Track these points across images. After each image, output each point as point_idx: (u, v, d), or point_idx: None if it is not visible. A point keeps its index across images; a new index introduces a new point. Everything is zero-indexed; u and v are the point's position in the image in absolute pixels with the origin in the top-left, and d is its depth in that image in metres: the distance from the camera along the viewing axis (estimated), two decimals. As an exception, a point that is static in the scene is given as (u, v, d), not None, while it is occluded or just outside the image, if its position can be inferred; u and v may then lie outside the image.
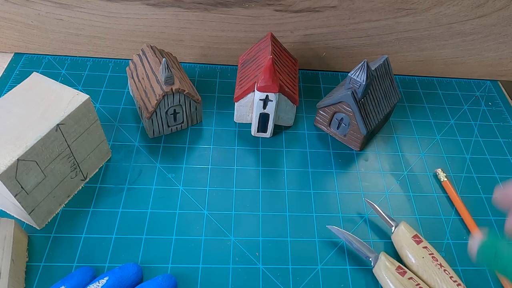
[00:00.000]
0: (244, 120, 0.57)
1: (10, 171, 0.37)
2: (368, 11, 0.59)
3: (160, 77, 0.49)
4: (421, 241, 0.44)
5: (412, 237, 0.44)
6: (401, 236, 0.44)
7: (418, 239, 0.44)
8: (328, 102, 0.53)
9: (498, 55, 0.66)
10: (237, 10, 0.59)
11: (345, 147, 0.56)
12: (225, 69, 0.66)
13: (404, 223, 0.45)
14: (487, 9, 0.59)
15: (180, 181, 0.50)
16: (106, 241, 0.44)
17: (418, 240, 0.44)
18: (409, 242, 0.44)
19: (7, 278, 0.37)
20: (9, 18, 0.59)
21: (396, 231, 0.45)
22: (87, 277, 0.39)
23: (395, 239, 0.45)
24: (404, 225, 0.45)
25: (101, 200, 0.48)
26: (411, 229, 0.45)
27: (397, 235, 0.45)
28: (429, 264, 0.42)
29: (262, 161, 0.53)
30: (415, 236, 0.44)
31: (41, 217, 0.44)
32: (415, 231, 0.45)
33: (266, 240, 0.46)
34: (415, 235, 0.44)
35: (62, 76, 0.61)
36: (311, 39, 0.63)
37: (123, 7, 0.58)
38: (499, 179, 0.55)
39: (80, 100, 0.42)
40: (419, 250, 0.43)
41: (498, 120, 0.63)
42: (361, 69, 0.48)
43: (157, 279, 0.39)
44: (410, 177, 0.54)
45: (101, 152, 0.49)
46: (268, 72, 0.48)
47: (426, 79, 0.68)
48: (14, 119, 0.40)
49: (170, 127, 0.54)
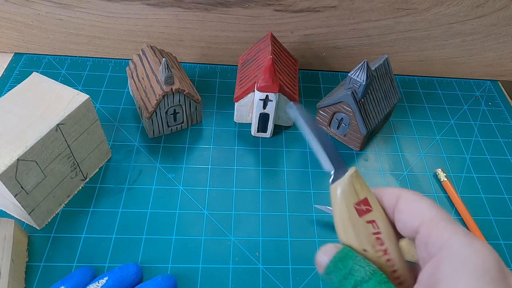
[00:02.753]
0: (244, 120, 0.57)
1: (10, 171, 0.37)
2: (368, 11, 0.59)
3: (160, 77, 0.49)
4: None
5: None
6: None
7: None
8: (328, 102, 0.53)
9: (498, 55, 0.66)
10: (237, 10, 0.59)
11: (345, 147, 0.56)
12: (225, 69, 0.66)
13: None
14: (487, 9, 0.59)
15: (180, 181, 0.50)
16: (106, 241, 0.44)
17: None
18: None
19: (7, 278, 0.37)
20: (9, 18, 0.59)
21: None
22: (87, 277, 0.39)
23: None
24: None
25: (101, 200, 0.48)
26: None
27: None
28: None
29: (262, 161, 0.53)
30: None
31: (41, 217, 0.44)
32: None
33: (266, 240, 0.46)
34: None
35: (62, 76, 0.61)
36: (311, 39, 0.63)
37: (123, 7, 0.58)
38: (499, 179, 0.55)
39: (80, 100, 0.42)
40: None
41: (498, 120, 0.63)
42: (361, 69, 0.48)
43: (157, 279, 0.39)
44: (410, 177, 0.54)
45: (101, 152, 0.49)
46: (268, 72, 0.48)
47: (426, 79, 0.68)
48: (14, 119, 0.40)
49: (170, 127, 0.54)
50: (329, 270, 0.24)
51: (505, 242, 0.48)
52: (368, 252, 0.25)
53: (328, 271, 0.24)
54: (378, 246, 0.25)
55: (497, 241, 0.48)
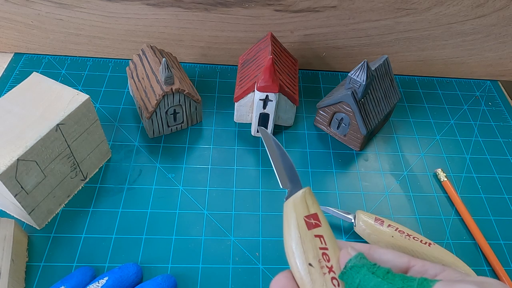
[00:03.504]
0: (244, 120, 0.57)
1: (10, 171, 0.37)
2: (368, 11, 0.59)
3: (160, 77, 0.49)
4: (383, 221, 0.44)
5: (374, 221, 0.44)
6: (364, 225, 0.44)
7: (380, 221, 0.44)
8: (328, 102, 0.53)
9: (498, 55, 0.66)
10: (237, 10, 0.59)
11: (345, 147, 0.56)
12: (225, 69, 0.66)
13: (360, 212, 0.46)
14: (487, 9, 0.59)
15: (180, 181, 0.50)
16: (106, 241, 0.44)
17: (380, 221, 0.44)
18: (374, 227, 0.44)
19: (7, 278, 0.37)
20: (9, 18, 0.59)
21: (357, 222, 0.45)
22: (87, 277, 0.39)
23: (359, 230, 0.45)
24: (361, 213, 0.45)
25: (101, 200, 0.48)
26: (369, 214, 0.45)
27: (359, 226, 0.45)
28: (400, 239, 0.43)
29: (262, 161, 0.53)
30: (376, 220, 0.44)
31: (41, 217, 0.44)
32: (373, 215, 0.45)
33: (266, 240, 0.46)
34: (375, 219, 0.44)
35: (62, 76, 0.61)
36: (311, 39, 0.63)
37: (123, 7, 0.58)
38: (499, 179, 0.55)
39: (80, 100, 0.42)
40: (385, 231, 0.43)
41: (498, 120, 0.63)
42: (361, 69, 0.48)
43: (157, 279, 0.39)
44: (410, 177, 0.54)
45: (101, 152, 0.49)
46: (268, 72, 0.48)
47: (426, 79, 0.68)
48: (14, 119, 0.40)
49: (170, 127, 0.54)
50: (361, 256, 0.25)
51: (505, 242, 0.48)
52: (314, 268, 0.25)
53: (361, 256, 0.25)
54: (324, 261, 0.26)
55: (497, 241, 0.48)
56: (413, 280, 0.23)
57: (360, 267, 0.24)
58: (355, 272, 0.24)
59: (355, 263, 0.25)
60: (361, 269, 0.24)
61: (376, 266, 0.24)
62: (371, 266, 0.24)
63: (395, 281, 0.23)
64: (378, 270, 0.24)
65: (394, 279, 0.24)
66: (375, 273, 0.24)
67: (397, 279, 0.24)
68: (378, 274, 0.24)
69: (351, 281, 0.24)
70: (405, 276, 0.24)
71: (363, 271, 0.24)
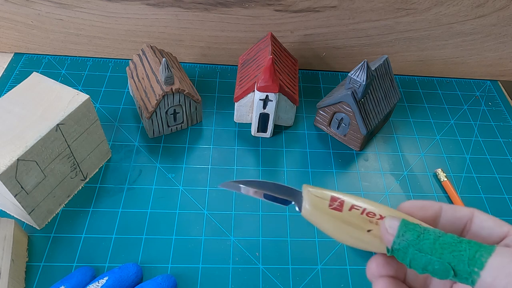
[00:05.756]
0: (244, 120, 0.57)
1: (10, 171, 0.37)
2: (368, 11, 0.59)
3: (160, 77, 0.49)
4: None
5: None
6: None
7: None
8: (328, 102, 0.53)
9: (498, 55, 0.66)
10: (237, 10, 0.59)
11: (345, 147, 0.56)
12: (225, 69, 0.66)
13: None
14: (487, 9, 0.59)
15: (180, 181, 0.50)
16: (106, 241, 0.44)
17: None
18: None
19: (7, 278, 0.37)
20: (9, 18, 0.59)
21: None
22: (87, 277, 0.39)
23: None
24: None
25: (101, 200, 0.48)
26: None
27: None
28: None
29: (262, 161, 0.53)
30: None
31: (41, 217, 0.44)
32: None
33: (266, 240, 0.46)
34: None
35: (62, 76, 0.61)
36: (311, 39, 0.63)
37: (123, 7, 0.58)
38: (499, 179, 0.55)
39: (80, 100, 0.42)
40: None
41: (498, 120, 0.63)
42: (361, 69, 0.48)
43: (157, 279, 0.39)
44: (410, 177, 0.54)
45: (101, 152, 0.49)
46: (268, 72, 0.48)
47: (426, 79, 0.68)
48: (14, 119, 0.40)
49: (170, 127, 0.54)
50: (403, 231, 0.24)
51: (505, 242, 0.48)
52: (373, 229, 0.26)
53: (403, 231, 0.24)
54: (374, 218, 0.26)
55: (497, 241, 0.48)
56: (464, 250, 0.22)
57: (406, 247, 0.24)
58: (402, 253, 0.24)
59: (400, 244, 0.24)
60: (407, 249, 0.24)
61: (421, 236, 0.23)
62: (415, 242, 0.23)
63: (444, 255, 0.23)
64: (425, 243, 0.23)
65: (443, 252, 0.23)
66: (422, 249, 0.23)
67: (446, 253, 0.23)
68: (425, 250, 0.23)
69: (402, 259, 0.24)
70: (455, 245, 0.23)
71: (410, 251, 0.23)
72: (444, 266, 0.22)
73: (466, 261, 0.22)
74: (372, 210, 0.26)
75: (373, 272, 0.27)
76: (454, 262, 0.22)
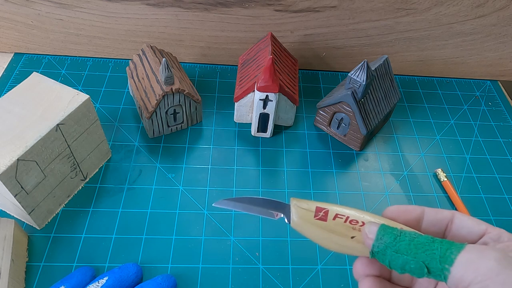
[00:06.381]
0: (244, 120, 0.57)
1: (10, 171, 0.37)
2: (368, 11, 0.59)
3: (160, 77, 0.49)
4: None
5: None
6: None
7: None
8: (328, 102, 0.53)
9: (498, 55, 0.66)
10: (237, 10, 0.59)
11: (345, 147, 0.56)
12: (225, 69, 0.66)
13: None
14: (487, 9, 0.59)
15: (180, 181, 0.50)
16: (106, 241, 0.44)
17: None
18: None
19: (7, 278, 0.37)
20: (9, 18, 0.59)
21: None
22: (87, 277, 0.39)
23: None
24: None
25: (101, 200, 0.48)
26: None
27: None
28: None
29: (262, 161, 0.53)
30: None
31: (41, 217, 0.44)
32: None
33: (266, 240, 0.46)
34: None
35: (62, 76, 0.61)
36: (311, 39, 0.63)
37: (123, 7, 0.58)
38: (499, 179, 0.55)
39: (80, 100, 0.42)
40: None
41: (498, 120, 0.63)
42: (361, 69, 0.48)
43: (157, 279, 0.39)
44: (410, 177, 0.54)
45: (101, 152, 0.49)
46: (268, 72, 0.48)
47: (426, 79, 0.68)
48: (14, 119, 0.40)
49: (170, 127, 0.54)
50: (381, 234, 0.26)
51: (505, 242, 0.48)
52: (356, 236, 0.27)
53: (381, 235, 0.26)
54: (357, 225, 0.27)
55: (497, 241, 0.48)
56: (436, 249, 0.24)
57: (384, 249, 0.25)
58: (381, 255, 0.25)
59: (379, 247, 0.25)
60: (386, 251, 0.25)
61: (398, 239, 0.25)
62: (392, 244, 0.25)
63: (418, 254, 0.24)
64: (401, 244, 0.25)
65: (417, 252, 0.24)
66: (399, 250, 0.25)
67: (420, 252, 0.24)
68: (402, 251, 0.24)
69: (382, 260, 0.26)
70: (429, 245, 0.24)
71: (388, 253, 0.25)
72: (418, 265, 0.24)
73: (437, 259, 0.23)
74: (355, 217, 0.28)
75: (359, 272, 0.29)
76: (428, 260, 0.24)
